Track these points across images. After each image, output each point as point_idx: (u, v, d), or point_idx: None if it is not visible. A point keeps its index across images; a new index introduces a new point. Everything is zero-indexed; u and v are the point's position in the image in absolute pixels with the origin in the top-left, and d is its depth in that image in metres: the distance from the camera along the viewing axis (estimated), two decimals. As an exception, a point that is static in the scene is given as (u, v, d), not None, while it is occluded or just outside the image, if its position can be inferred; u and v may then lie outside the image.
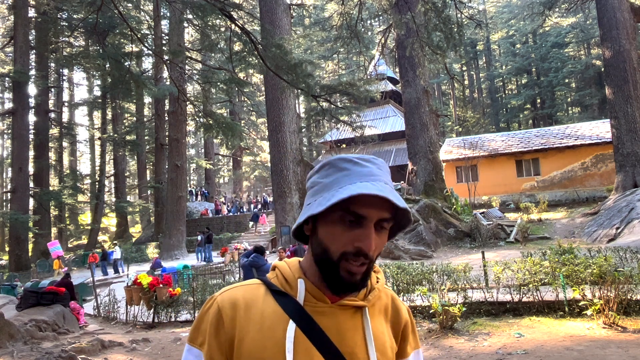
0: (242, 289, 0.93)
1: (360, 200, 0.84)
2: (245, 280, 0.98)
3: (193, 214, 31.40)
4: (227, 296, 0.91)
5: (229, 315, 0.88)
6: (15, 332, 6.61)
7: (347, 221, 0.85)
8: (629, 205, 15.04)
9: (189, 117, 28.06)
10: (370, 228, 0.85)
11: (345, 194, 0.81)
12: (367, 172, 0.87)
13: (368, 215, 0.84)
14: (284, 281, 0.92)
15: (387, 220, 0.87)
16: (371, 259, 0.86)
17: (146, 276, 9.50)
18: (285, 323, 0.86)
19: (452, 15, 13.39)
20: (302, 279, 0.91)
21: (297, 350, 0.84)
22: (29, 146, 26.46)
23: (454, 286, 7.70)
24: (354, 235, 0.85)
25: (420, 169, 20.27)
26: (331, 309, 0.90)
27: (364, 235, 0.84)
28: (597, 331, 5.83)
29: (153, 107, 35.72)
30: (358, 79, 23.60)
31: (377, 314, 0.96)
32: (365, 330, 0.90)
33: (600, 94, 40.71)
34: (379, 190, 0.82)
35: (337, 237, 0.86)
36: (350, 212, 0.84)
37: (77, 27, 22.70)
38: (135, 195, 46.09)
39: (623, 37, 17.55)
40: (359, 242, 0.84)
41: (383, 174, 0.88)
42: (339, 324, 0.89)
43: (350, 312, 0.91)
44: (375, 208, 0.84)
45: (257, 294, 0.91)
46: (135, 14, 27.83)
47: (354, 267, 0.85)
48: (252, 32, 10.39)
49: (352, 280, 0.86)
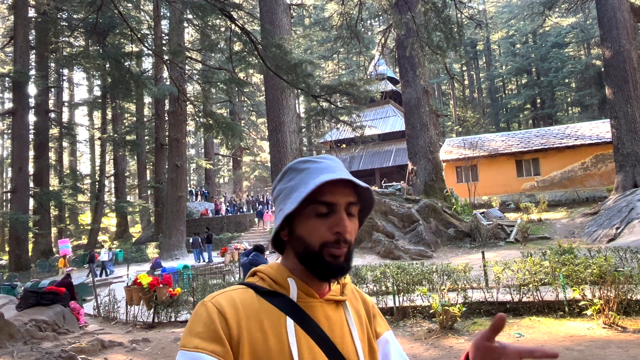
0: (233, 292, 0.94)
1: (327, 191, 0.92)
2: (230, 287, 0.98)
3: (193, 214, 31.39)
4: (222, 298, 0.91)
5: (232, 315, 0.88)
6: (15, 332, 6.61)
7: (320, 212, 0.92)
8: (629, 205, 15.04)
9: (189, 117, 28.06)
10: (342, 212, 0.93)
11: (312, 185, 0.90)
12: (325, 166, 0.96)
13: (337, 201, 0.93)
14: (272, 282, 0.96)
15: (354, 204, 0.95)
16: (350, 242, 0.94)
17: (146, 276, 9.50)
18: (283, 320, 0.90)
19: (452, 15, 13.40)
20: (292, 278, 0.95)
21: (299, 344, 0.89)
22: (29, 146, 26.45)
23: (454, 286, 7.70)
24: (329, 224, 0.92)
25: (420, 169, 20.27)
26: (320, 303, 0.96)
27: (339, 220, 0.92)
28: (597, 331, 5.83)
29: (153, 107, 35.72)
30: (358, 79, 23.60)
31: (353, 307, 1.03)
32: (348, 321, 0.98)
33: (600, 94, 40.70)
34: (339, 175, 0.91)
35: (314, 229, 0.92)
36: (321, 202, 0.92)
37: (77, 27, 22.70)
38: (135, 195, 46.09)
39: (623, 37, 17.55)
40: (336, 228, 0.92)
41: (338, 166, 0.97)
42: (329, 317, 0.95)
43: (334, 306, 0.98)
44: (341, 194, 0.93)
45: (249, 295, 0.93)
46: (135, 14, 27.82)
47: (336, 251, 0.91)
48: (252, 32, 10.39)
49: (338, 263, 0.92)
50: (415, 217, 16.48)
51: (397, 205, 17.08)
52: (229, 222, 30.41)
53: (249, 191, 44.16)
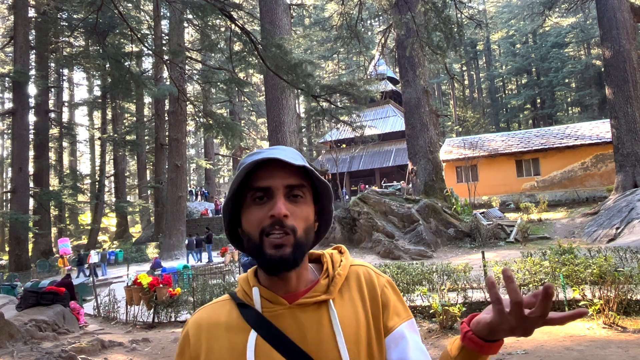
0: (209, 308, 0.96)
1: (261, 176, 0.88)
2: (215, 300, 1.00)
3: (193, 214, 31.40)
4: (194, 319, 0.95)
5: (194, 336, 0.92)
6: (15, 332, 6.61)
7: (256, 199, 0.88)
8: (629, 205, 15.04)
9: (189, 117, 28.06)
10: (278, 196, 0.87)
11: (243, 171, 0.87)
12: (270, 152, 0.89)
13: (272, 184, 0.87)
14: (243, 293, 0.95)
15: (296, 186, 0.89)
16: (292, 228, 0.86)
17: (146, 276, 9.50)
18: (248, 333, 0.88)
19: (452, 15, 13.39)
20: (256, 287, 0.92)
21: (259, 356, 0.85)
22: (29, 146, 26.46)
23: (454, 286, 7.70)
24: (266, 209, 0.87)
25: (420, 169, 20.27)
26: (290, 310, 0.89)
27: (273, 203, 0.87)
28: (597, 331, 5.83)
29: (153, 107, 35.72)
30: (358, 79, 23.59)
31: (349, 301, 0.93)
32: (332, 323, 0.89)
33: (600, 94, 40.71)
34: (265, 155, 0.86)
35: (252, 217, 0.88)
36: (255, 188, 0.88)
37: (77, 27, 22.69)
38: (135, 195, 46.10)
39: (623, 37, 17.55)
40: (270, 211, 0.86)
41: (284, 151, 0.90)
42: (300, 323, 0.88)
43: (311, 309, 0.90)
44: (278, 177, 0.88)
45: (223, 310, 0.94)
46: (135, 14, 27.83)
47: (276, 239, 0.85)
48: (252, 32, 10.39)
49: (281, 254, 0.85)
50: (415, 217, 16.48)
51: (397, 205, 17.08)
52: (229, 222, 30.36)
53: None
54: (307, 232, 0.90)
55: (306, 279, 0.94)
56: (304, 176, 0.92)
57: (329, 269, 0.96)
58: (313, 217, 0.94)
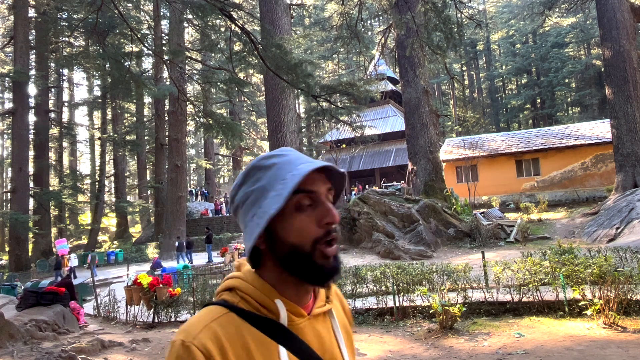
0: (214, 324, 0.80)
1: (307, 180, 0.82)
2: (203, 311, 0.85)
3: (193, 214, 31.40)
4: (205, 338, 0.78)
5: (220, 353, 0.77)
6: (15, 332, 6.61)
7: (305, 205, 0.83)
8: (629, 205, 15.04)
9: (189, 117, 28.06)
10: (327, 201, 0.84)
11: (298, 174, 0.80)
12: (295, 157, 0.86)
13: (319, 189, 0.84)
14: (258, 305, 0.84)
15: (330, 190, 0.87)
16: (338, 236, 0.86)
17: (146, 276, 9.50)
18: (275, 350, 0.81)
19: (452, 15, 13.39)
20: (279, 300, 0.84)
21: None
22: (29, 146, 26.46)
23: (454, 286, 7.70)
24: (318, 216, 0.82)
25: (420, 169, 20.27)
26: (309, 321, 0.87)
27: (326, 210, 0.83)
28: (597, 331, 5.83)
29: (153, 107, 35.73)
30: (358, 79, 23.59)
31: (336, 310, 0.97)
32: (335, 330, 0.91)
33: (600, 94, 40.71)
34: (320, 163, 0.83)
35: (304, 226, 0.82)
36: (306, 192, 0.82)
37: (77, 27, 22.66)
38: (135, 195, 46.10)
39: (623, 37, 17.55)
40: (326, 219, 0.82)
41: (307, 157, 0.89)
42: (318, 333, 0.88)
43: (322, 319, 0.91)
44: (320, 182, 0.85)
45: (235, 324, 0.81)
46: (135, 14, 27.82)
47: (327, 249, 0.82)
48: (252, 32, 10.39)
49: (331, 264, 0.83)
50: (415, 217, 16.47)
51: (397, 205, 17.08)
52: (229, 222, 30.40)
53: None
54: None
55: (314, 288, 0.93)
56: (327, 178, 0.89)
57: None
58: None
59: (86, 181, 39.34)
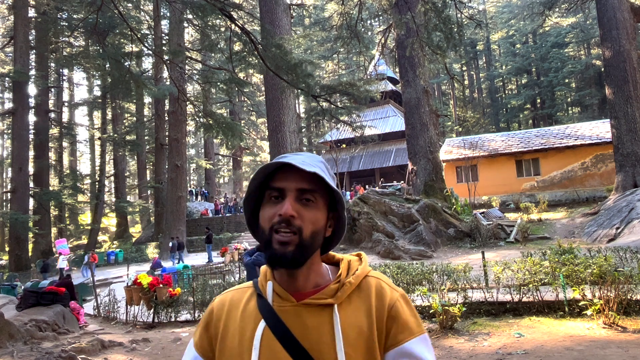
0: (235, 291, 1.07)
1: (279, 177, 0.96)
2: (246, 282, 1.11)
3: (193, 214, 31.40)
4: (220, 297, 1.07)
5: (218, 313, 1.03)
6: (15, 332, 6.61)
7: (272, 198, 0.96)
8: (629, 205, 15.04)
9: (189, 117, 28.07)
10: (289, 197, 0.94)
11: (261, 172, 0.97)
12: (291, 158, 0.97)
13: (285, 186, 0.95)
14: (261, 284, 1.03)
15: (308, 191, 0.95)
16: (299, 228, 0.93)
17: (146, 276, 9.50)
18: (258, 322, 0.96)
19: (452, 15, 13.38)
20: (271, 281, 1.00)
21: (263, 346, 0.93)
22: (29, 146, 26.45)
23: (454, 286, 7.70)
24: (277, 208, 0.95)
25: (420, 169, 20.27)
26: (295, 307, 0.96)
27: (283, 203, 0.94)
28: (597, 331, 5.83)
29: (153, 107, 35.72)
30: (358, 79, 23.59)
31: (356, 309, 0.96)
32: (334, 326, 0.93)
33: (600, 94, 40.71)
34: (283, 160, 0.95)
35: (265, 214, 0.96)
36: (271, 188, 0.97)
37: (77, 27, 22.67)
38: (135, 195, 46.09)
39: (623, 37, 17.54)
40: (281, 210, 0.93)
41: (305, 158, 0.98)
42: (303, 321, 0.95)
43: (315, 310, 0.95)
44: (292, 180, 0.95)
45: (244, 296, 1.04)
46: (135, 14, 27.81)
47: (282, 236, 0.92)
48: (252, 32, 10.39)
49: (284, 251, 0.92)
50: (415, 217, 16.47)
51: (397, 205, 17.08)
52: (229, 222, 30.41)
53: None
54: (313, 235, 0.95)
55: (315, 280, 1.00)
56: (319, 183, 0.97)
57: (342, 275, 1.00)
58: (324, 222, 0.98)
59: (86, 181, 39.32)
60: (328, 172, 1.00)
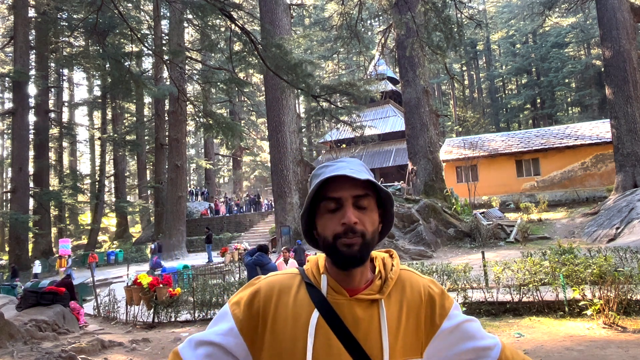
0: (281, 277, 1.11)
1: (332, 187, 1.03)
2: (286, 269, 1.16)
3: (193, 214, 31.40)
4: (267, 281, 1.10)
5: (267, 294, 1.06)
6: (15, 332, 6.61)
7: (330, 208, 1.03)
8: (629, 205, 15.04)
9: (189, 117, 28.04)
10: (348, 206, 1.02)
11: (316, 185, 1.03)
12: (335, 168, 1.04)
13: (341, 195, 1.02)
14: (312, 275, 1.09)
15: (362, 196, 1.03)
16: (362, 232, 1.01)
17: (146, 276, 9.50)
18: (311, 310, 1.02)
19: (452, 15, 13.39)
20: (325, 275, 1.07)
21: (318, 334, 1.00)
22: (29, 146, 26.44)
23: (454, 286, 7.70)
24: (338, 217, 1.02)
25: (420, 169, 20.27)
26: (349, 301, 1.03)
27: (344, 213, 1.02)
28: (597, 331, 5.83)
29: (153, 107, 35.71)
30: (358, 79, 23.60)
31: (395, 301, 1.07)
32: (380, 320, 1.02)
33: (600, 94, 40.70)
34: (337, 171, 1.01)
35: (327, 224, 1.04)
36: (328, 198, 1.03)
37: (77, 27, 22.68)
38: (135, 195, 46.07)
39: (623, 37, 17.54)
40: (342, 220, 1.01)
41: (350, 165, 1.06)
42: (355, 314, 1.02)
43: (365, 305, 1.04)
44: (346, 189, 1.03)
45: (293, 282, 1.09)
46: (135, 14, 27.80)
47: (347, 240, 1.00)
48: (252, 32, 10.39)
49: (351, 252, 1.01)
50: (415, 217, 16.47)
51: (397, 205, 17.07)
52: (229, 222, 30.41)
53: (249, 191, 44.20)
54: (373, 234, 1.05)
55: (366, 276, 1.08)
56: (368, 186, 1.05)
57: (381, 270, 1.09)
58: (378, 220, 1.08)
59: (86, 181, 39.29)
60: (369, 173, 1.08)
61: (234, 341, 1.04)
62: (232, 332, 1.05)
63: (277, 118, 20.07)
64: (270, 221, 26.78)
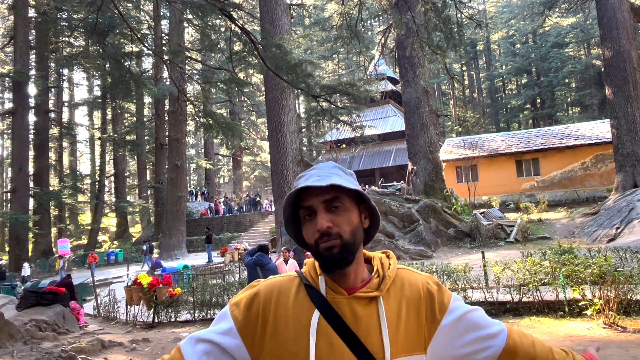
0: (280, 279, 1.14)
1: (304, 197, 1.08)
2: (285, 273, 1.20)
3: (193, 214, 31.40)
4: (267, 283, 1.13)
5: (266, 296, 1.09)
6: (15, 332, 6.61)
7: (306, 216, 1.09)
8: (629, 205, 15.04)
9: (189, 117, 28.04)
10: (320, 212, 1.06)
11: (288, 198, 1.10)
12: (305, 179, 1.09)
13: (311, 204, 1.07)
14: (310, 277, 1.12)
15: (332, 199, 1.06)
16: (338, 234, 1.05)
17: (146, 276, 9.50)
18: (311, 311, 1.05)
19: (452, 15, 13.38)
20: (322, 276, 1.09)
21: (319, 333, 1.02)
22: (29, 146, 26.44)
23: (454, 286, 7.70)
24: (314, 225, 1.07)
25: (420, 169, 20.27)
26: (347, 299, 1.06)
27: (317, 219, 1.06)
28: (597, 331, 5.83)
29: (153, 107, 35.70)
30: (358, 79, 23.60)
31: (394, 298, 1.09)
32: (379, 316, 1.05)
33: (600, 94, 40.70)
34: (304, 182, 1.06)
35: (308, 231, 1.09)
36: (303, 207, 1.09)
37: (77, 27, 22.67)
38: (135, 195, 46.07)
39: (623, 37, 17.54)
40: (317, 226, 1.05)
41: (320, 171, 1.10)
42: (355, 311, 1.05)
43: (364, 302, 1.06)
44: (315, 196, 1.07)
45: (292, 285, 1.11)
46: (135, 14, 27.80)
47: (326, 243, 1.04)
48: (252, 32, 10.38)
49: (331, 255, 1.04)
50: (415, 217, 16.48)
51: (397, 205, 17.08)
52: (229, 222, 30.41)
53: (249, 191, 44.22)
54: (353, 233, 1.07)
55: (362, 275, 1.11)
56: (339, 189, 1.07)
57: (379, 270, 1.12)
58: (358, 217, 1.11)
59: (86, 181, 39.29)
60: (344, 173, 1.12)
61: (232, 341, 1.06)
62: (230, 332, 1.07)
63: (277, 118, 20.06)
64: (270, 221, 26.78)
